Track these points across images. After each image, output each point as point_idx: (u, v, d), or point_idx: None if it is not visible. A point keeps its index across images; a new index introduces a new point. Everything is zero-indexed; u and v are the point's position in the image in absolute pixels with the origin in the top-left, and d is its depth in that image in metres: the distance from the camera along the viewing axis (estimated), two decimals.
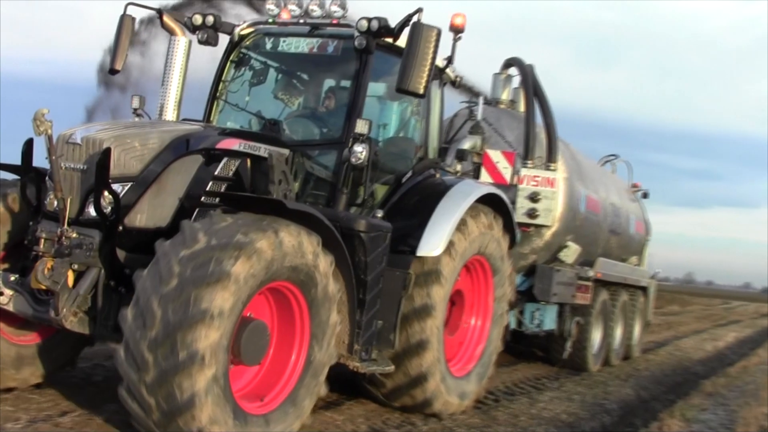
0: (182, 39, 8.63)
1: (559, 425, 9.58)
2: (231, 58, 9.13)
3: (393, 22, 8.06)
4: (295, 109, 9.14)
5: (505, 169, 11.52)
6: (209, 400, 5.86)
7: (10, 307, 6.93)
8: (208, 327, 5.80)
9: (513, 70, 13.21)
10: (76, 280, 6.71)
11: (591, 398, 11.65)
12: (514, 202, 11.17)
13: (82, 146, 6.84)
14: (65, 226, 6.74)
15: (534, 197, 11.94)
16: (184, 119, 8.39)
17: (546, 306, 12.84)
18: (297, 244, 6.47)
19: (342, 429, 8.10)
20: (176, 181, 7.12)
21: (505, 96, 13.32)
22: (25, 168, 7.14)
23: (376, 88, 9.40)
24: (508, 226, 9.91)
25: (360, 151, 7.88)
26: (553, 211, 12.06)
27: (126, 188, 6.82)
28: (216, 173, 7.50)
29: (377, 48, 8.34)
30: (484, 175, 11.51)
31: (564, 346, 13.53)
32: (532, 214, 11.97)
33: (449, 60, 9.31)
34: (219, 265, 5.90)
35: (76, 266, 6.74)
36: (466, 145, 12.06)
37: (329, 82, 9.15)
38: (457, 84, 10.08)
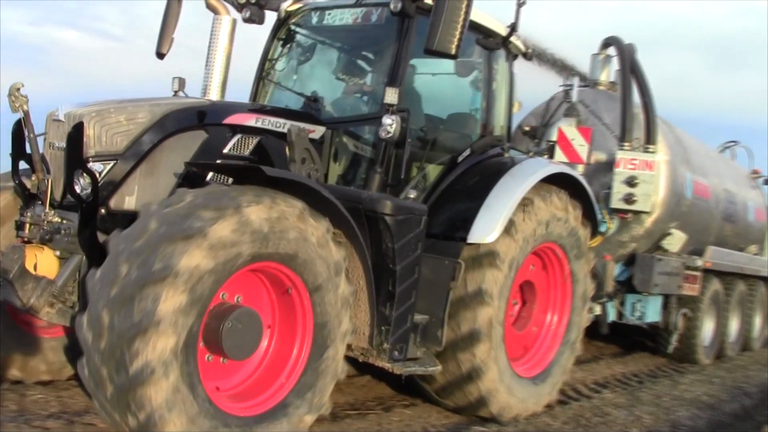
0: (226, 18, 7.17)
1: (701, 406, 8.77)
2: (278, 35, 7.58)
3: None
4: (342, 85, 7.49)
5: (581, 147, 9.44)
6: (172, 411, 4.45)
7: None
8: (158, 334, 4.36)
9: (612, 51, 11.06)
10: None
11: (731, 381, 10.59)
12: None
13: (64, 123, 5.46)
14: (47, 209, 5.40)
15: (631, 181, 9.81)
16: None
17: (648, 297, 10.64)
18: (275, 219, 4.89)
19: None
20: (172, 160, 5.65)
21: (604, 77, 11.19)
22: (17, 152, 5.81)
23: (438, 64, 7.67)
24: (588, 210, 7.90)
25: (389, 123, 6.16)
26: (652, 196, 9.87)
27: (108, 167, 5.39)
28: (225, 151, 5.98)
29: (424, 14, 6.58)
30: (559, 155, 9.46)
31: (669, 339, 11.25)
32: (629, 199, 9.83)
33: (513, 27, 7.44)
34: (165, 261, 4.42)
35: (58, 253, 5.39)
36: (562, 126, 10.12)
37: (373, 54, 7.45)
38: (530, 56, 8.19)
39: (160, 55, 7.59)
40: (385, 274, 5.92)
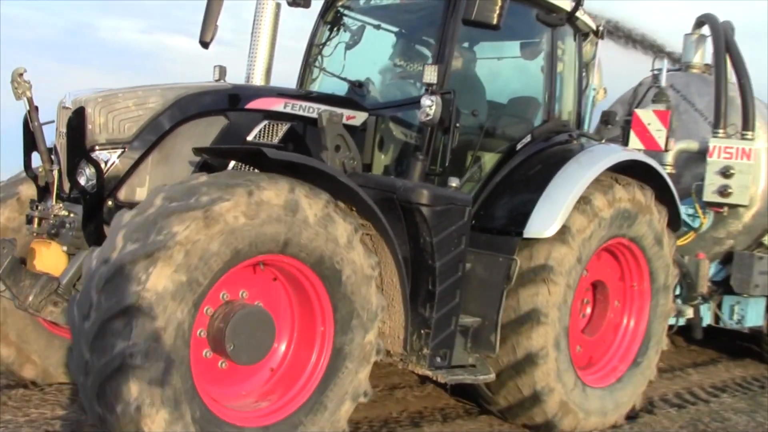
0: (270, 1, 6.63)
1: None
2: (324, 18, 6.99)
3: None
4: (393, 70, 6.84)
5: (658, 132, 8.42)
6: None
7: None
8: (142, 315, 3.85)
9: (707, 30, 9.97)
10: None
11: None
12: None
13: (71, 110, 5.02)
14: (54, 201, 4.98)
15: (726, 172, 8.73)
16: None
17: (748, 299, 9.46)
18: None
19: None
20: (187, 148, 5.11)
21: (697, 59, 10.11)
22: (29, 143, 5.39)
23: (504, 48, 7.05)
24: (669, 202, 6.97)
25: (428, 105, 5.46)
26: (750, 188, 8.75)
27: (116, 156, 4.92)
28: (250, 138, 5.42)
29: None
30: (634, 141, 8.47)
31: None
32: (724, 191, 8.76)
33: (578, 2, 6.60)
34: (161, 235, 3.92)
35: (65, 248, 4.95)
36: None
37: (424, 34, 6.76)
38: (602, 35, 7.30)
39: (204, 44, 7.10)
40: (423, 271, 5.25)
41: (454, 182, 5.51)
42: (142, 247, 3.88)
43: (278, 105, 5.58)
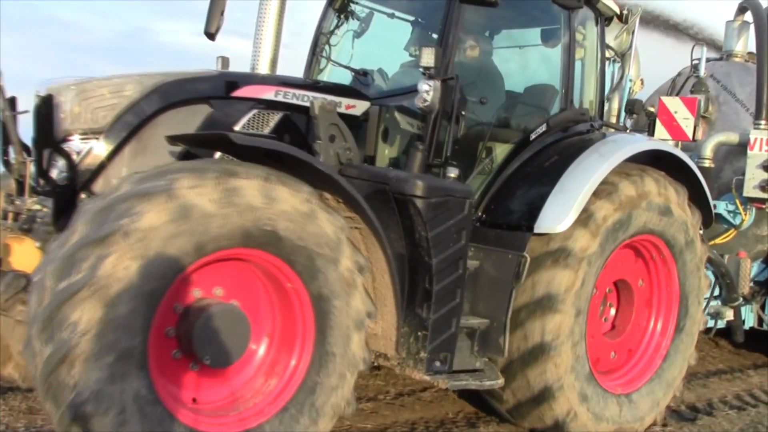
0: None
1: None
2: (332, 6, 6.62)
3: None
4: (401, 58, 6.43)
5: (686, 121, 7.82)
6: None
7: None
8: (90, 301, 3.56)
9: (750, 16, 9.34)
10: None
11: None
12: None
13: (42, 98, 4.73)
14: (27, 195, 4.70)
15: None
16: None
17: None
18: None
19: None
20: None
21: (740, 47, 9.48)
22: (5, 134, 5.13)
23: (525, 36, 6.65)
24: (700, 197, 6.42)
25: (425, 90, 5.04)
26: None
27: (90, 146, 4.62)
28: (237, 128, 5.07)
29: None
30: (660, 131, 7.89)
31: None
32: (766, 186, 8.14)
33: None
34: (119, 218, 3.65)
35: (38, 244, 4.66)
36: None
37: (432, 21, 6.32)
38: (626, 18, 6.80)
39: (210, 35, 6.78)
40: (420, 269, 4.84)
41: (452, 173, 5.09)
42: (96, 231, 3.59)
43: (269, 93, 5.22)
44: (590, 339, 5.79)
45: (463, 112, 5.35)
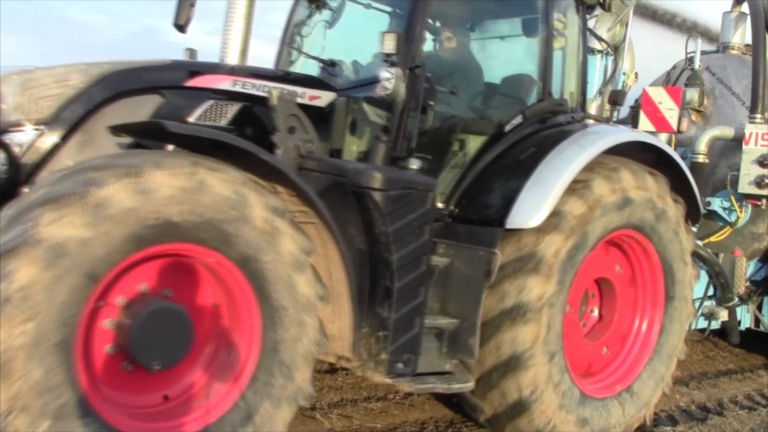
0: None
1: None
2: None
3: None
4: (372, 48, 6.20)
5: (670, 112, 7.53)
6: None
7: None
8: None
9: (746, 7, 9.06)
10: None
11: None
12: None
13: None
14: None
15: (764, 161, 7.87)
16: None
17: None
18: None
19: None
20: None
21: (737, 39, 9.21)
22: None
23: (505, 27, 6.46)
24: (687, 192, 6.16)
25: (387, 78, 4.80)
26: None
27: (32, 138, 4.41)
28: (192, 119, 4.86)
29: None
30: (644, 123, 7.62)
31: None
32: (761, 182, 7.89)
33: None
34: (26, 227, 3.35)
35: None
36: None
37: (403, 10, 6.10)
38: (609, 6, 6.55)
39: (179, 27, 6.56)
40: (380, 265, 4.61)
41: (414, 164, 4.85)
42: (11, 240, 3.33)
43: (225, 83, 5.00)
44: (572, 343, 5.56)
45: (431, 103, 5.11)
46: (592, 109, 8.46)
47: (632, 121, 7.67)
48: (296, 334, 4.13)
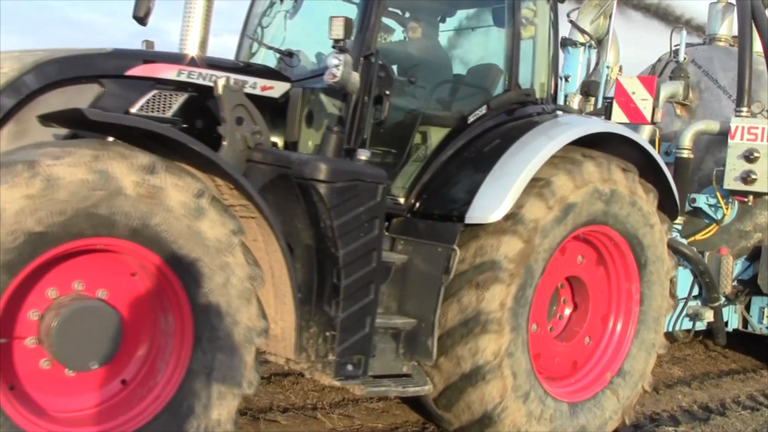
0: None
1: None
2: None
3: None
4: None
5: (644, 102, 7.29)
6: None
7: None
8: None
9: None
10: None
11: None
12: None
13: None
14: None
15: (750, 156, 7.64)
16: None
17: None
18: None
19: None
20: None
21: (724, 30, 8.98)
22: None
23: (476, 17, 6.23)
24: (664, 187, 5.93)
25: (335, 64, 4.58)
26: None
27: None
28: (134, 110, 4.64)
29: None
30: (618, 113, 7.37)
31: None
32: (747, 178, 7.66)
33: None
34: None
35: None
36: (663, 91, 8.12)
37: None
38: None
39: (139, 20, 6.34)
40: (328, 262, 4.39)
41: (363, 155, 4.62)
42: None
43: (170, 72, 4.79)
44: (536, 344, 5.34)
45: (387, 92, 4.90)
46: (575, 103, 8.26)
47: (606, 112, 7.43)
48: (223, 279, 3.89)
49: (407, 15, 5.99)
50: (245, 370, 4.00)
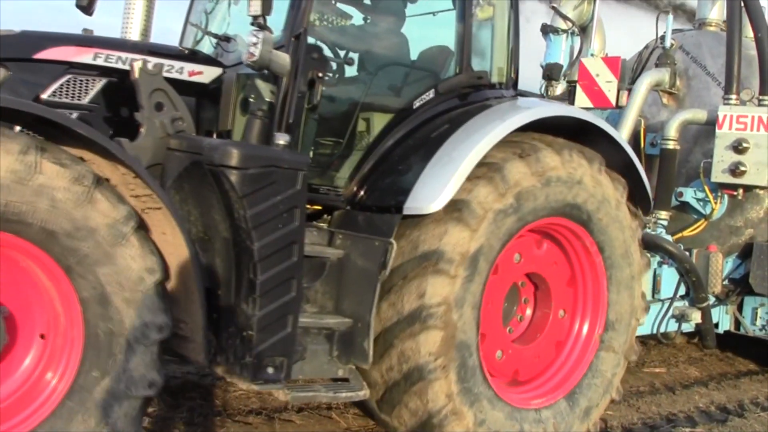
0: None
1: None
2: None
3: None
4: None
5: (608, 84, 6.90)
6: None
7: None
8: None
9: None
10: None
11: None
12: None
13: None
14: None
15: (738, 146, 7.24)
16: None
17: None
18: None
19: None
20: None
21: (714, 15, 8.60)
22: None
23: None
24: (633, 178, 5.58)
25: (253, 42, 4.26)
26: None
27: None
28: (45, 96, 4.40)
29: None
30: (581, 97, 6.99)
31: None
32: (736, 170, 7.26)
33: None
34: None
35: None
36: (647, 79, 7.75)
37: None
38: None
39: (83, 9, 6.06)
40: (243, 256, 4.08)
41: (281, 139, 4.30)
42: None
43: (86, 55, 4.52)
44: (489, 344, 5.00)
45: (320, 75, 4.59)
46: (557, 92, 7.92)
47: (569, 96, 7.06)
48: (111, 270, 3.64)
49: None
50: (143, 369, 3.70)
